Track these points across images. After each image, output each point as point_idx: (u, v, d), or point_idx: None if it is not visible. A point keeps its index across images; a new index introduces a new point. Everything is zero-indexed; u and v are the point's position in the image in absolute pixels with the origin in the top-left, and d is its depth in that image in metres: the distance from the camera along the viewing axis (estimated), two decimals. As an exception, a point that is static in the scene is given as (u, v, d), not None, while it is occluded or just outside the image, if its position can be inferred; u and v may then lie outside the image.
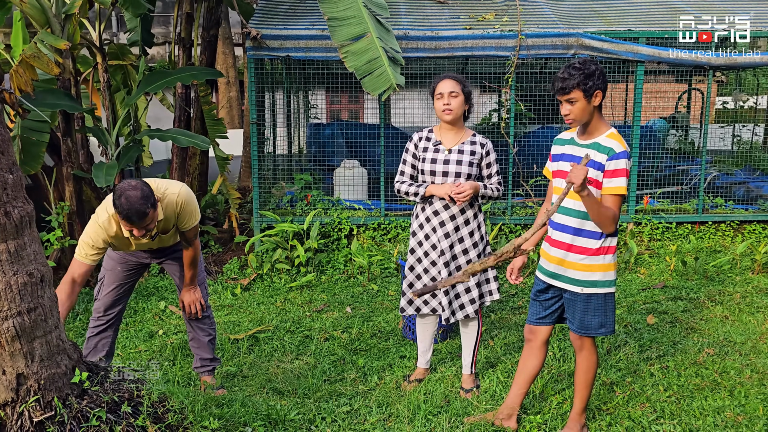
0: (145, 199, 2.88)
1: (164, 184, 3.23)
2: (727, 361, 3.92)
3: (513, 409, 3.14)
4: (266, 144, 6.79)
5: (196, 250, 3.43)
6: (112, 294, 3.49)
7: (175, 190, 3.21)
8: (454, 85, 3.38)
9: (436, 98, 3.42)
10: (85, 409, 2.35)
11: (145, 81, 5.77)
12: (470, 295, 3.48)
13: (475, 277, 3.47)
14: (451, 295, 3.46)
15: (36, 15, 5.14)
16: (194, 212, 3.29)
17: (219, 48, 10.24)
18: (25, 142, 5.43)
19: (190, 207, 3.25)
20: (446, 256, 3.43)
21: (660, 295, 5.18)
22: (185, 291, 3.53)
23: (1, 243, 2.20)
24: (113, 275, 3.49)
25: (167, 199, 3.17)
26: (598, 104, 2.76)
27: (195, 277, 3.52)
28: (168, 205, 3.18)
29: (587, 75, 2.68)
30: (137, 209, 2.86)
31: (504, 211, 6.35)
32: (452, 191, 3.30)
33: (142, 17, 6.64)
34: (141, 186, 2.92)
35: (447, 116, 3.39)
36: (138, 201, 2.86)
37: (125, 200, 2.86)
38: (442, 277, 3.42)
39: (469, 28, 6.12)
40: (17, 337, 2.24)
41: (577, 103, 2.72)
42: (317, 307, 5.12)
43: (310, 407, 3.33)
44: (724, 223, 6.41)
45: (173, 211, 3.20)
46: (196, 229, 3.36)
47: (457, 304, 3.49)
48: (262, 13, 6.43)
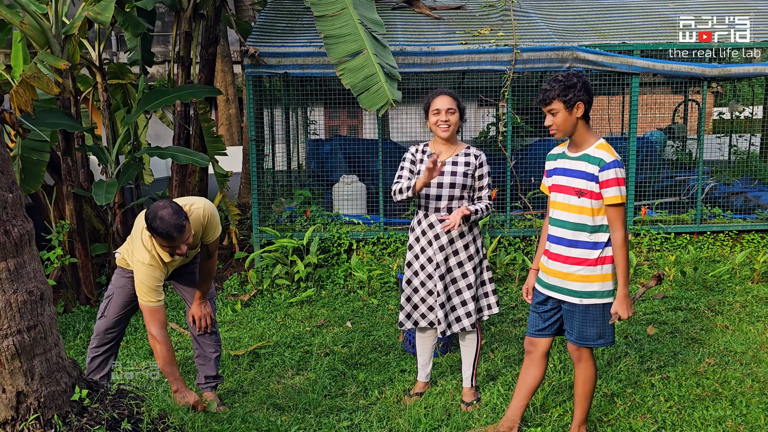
0: (177, 213, 2.97)
1: (188, 200, 3.32)
2: (728, 370, 3.91)
3: (514, 421, 3.14)
4: (265, 160, 6.83)
5: (215, 263, 3.53)
6: (118, 312, 3.49)
7: (200, 205, 3.30)
8: (451, 102, 3.41)
9: (433, 113, 3.43)
10: (85, 426, 2.35)
11: (144, 99, 5.82)
12: (466, 308, 3.48)
13: (471, 290, 3.48)
14: (447, 308, 3.47)
15: (36, 35, 5.19)
16: (218, 224, 3.38)
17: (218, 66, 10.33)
18: (26, 162, 5.47)
19: (215, 219, 3.34)
20: (441, 269, 3.44)
21: (660, 306, 5.18)
22: (196, 305, 3.57)
23: (1, 261, 2.22)
24: (123, 293, 3.47)
25: (194, 213, 3.25)
26: (581, 116, 2.81)
27: (207, 292, 3.58)
28: (195, 219, 3.25)
29: (568, 87, 2.76)
30: (175, 224, 2.94)
31: (503, 223, 6.36)
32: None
33: (142, 37, 6.72)
34: (169, 204, 3.00)
35: (444, 133, 3.41)
36: (172, 217, 2.94)
37: (160, 221, 2.93)
38: (438, 290, 3.43)
39: (465, 43, 6.18)
40: (17, 355, 2.25)
41: (559, 114, 2.81)
42: (317, 322, 5.12)
43: (311, 422, 3.33)
44: (723, 233, 6.43)
45: (200, 224, 3.28)
46: (218, 242, 3.47)
47: (453, 317, 3.49)
48: (259, 31, 6.49)
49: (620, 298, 2.78)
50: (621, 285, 2.78)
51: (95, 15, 5.06)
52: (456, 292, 3.48)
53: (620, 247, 2.76)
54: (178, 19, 6.77)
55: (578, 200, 2.83)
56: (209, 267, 3.51)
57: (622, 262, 2.77)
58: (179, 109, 6.74)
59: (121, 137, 6.13)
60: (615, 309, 2.79)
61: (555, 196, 2.95)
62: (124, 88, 7.06)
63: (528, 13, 7.17)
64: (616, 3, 7.74)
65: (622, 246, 2.76)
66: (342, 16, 5.02)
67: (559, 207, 2.92)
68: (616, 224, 2.77)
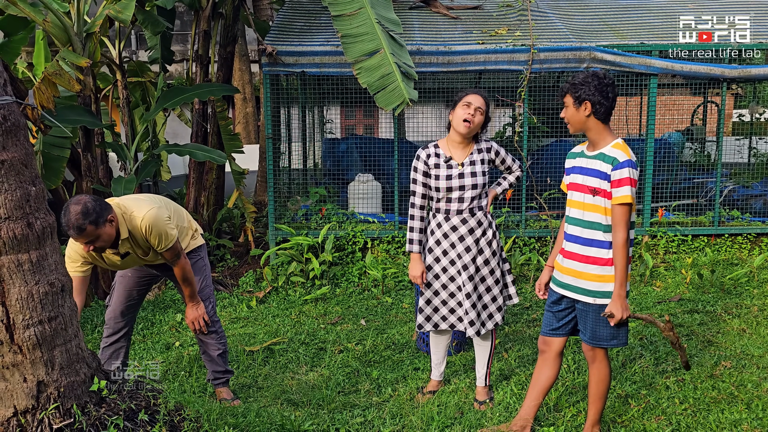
0: (84, 214, 2.87)
1: (133, 205, 3.21)
2: (744, 374, 3.88)
3: (527, 420, 3.14)
4: (282, 159, 6.87)
5: (183, 270, 3.38)
6: (122, 301, 3.55)
7: (140, 214, 3.16)
8: (483, 103, 3.38)
9: (462, 106, 3.36)
10: (103, 416, 2.39)
11: (163, 97, 5.89)
12: (497, 303, 3.51)
13: (499, 285, 3.51)
14: (479, 307, 3.47)
15: (58, 34, 5.28)
16: (164, 234, 3.21)
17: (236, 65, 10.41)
18: (47, 158, 5.56)
19: (157, 230, 3.18)
20: (470, 269, 3.43)
21: (676, 308, 5.14)
22: (188, 308, 3.52)
23: (24, 253, 2.26)
24: (124, 282, 3.55)
25: (132, 221, 3.16)
26: (589, 114, 2.81)
27: (195, 294, 3.49)
28: (134, 228, 3.16)
29: (580, 84, 2.81)
30: (73, 223, 2.86)
31: (518, 224, 6.35)
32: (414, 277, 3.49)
33: (162, 35, 6.79)
34: (86, 201, 2.91)
35: (465, 128, 3.34)
36: (75, 215, 2.85)
37: (65, 213, 2.87)
38: (468, 291, 3.41)
39: (482, 43, 6.17)
40: (38, 345, 2.30)
41: (568, 108, 2.88)
42: (332, 319, 5.15)
43: (324, 418, 3.35)
44: (741, 235, 6.36)
45: (140, 233, 3.18)
46: (174, 250, 3.29)
47: (486, 315, 3.50)
48: (277, 30, 6.54)
49: (615, 297, 2.78)
50: (618, 285, 2.77)
51: (116, 13, 5.13)
52: (486, 290, 3.49)
53: (621, 248, 2.75)
54: (197, 18, 6.84)
55: (593, 199, 2.83)
56: (178, 274, 3.38)
57: (621, 262, 2.76)
58: (197, 107, 6.81)
59: (139, 134, 6.20)
60: (610, 309, 2.78)
61: (572, 194, 2.96)
62: (144, 86, 7.15)
63: (545, 13, 7.14)
64: (635, 3, 7.68)
65: (623, 246, 2.75)
66: (359, 16, 5.04)
67: (574, 205, 2.93)
68: (620, 224, 2.76)
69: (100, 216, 2.94)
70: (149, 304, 5.54)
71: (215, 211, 7.23)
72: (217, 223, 7.18)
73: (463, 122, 3.35)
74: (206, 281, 3.65)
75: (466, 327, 3.44)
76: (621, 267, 2.77)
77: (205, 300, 3.60)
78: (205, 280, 3.64)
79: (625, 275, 2.78)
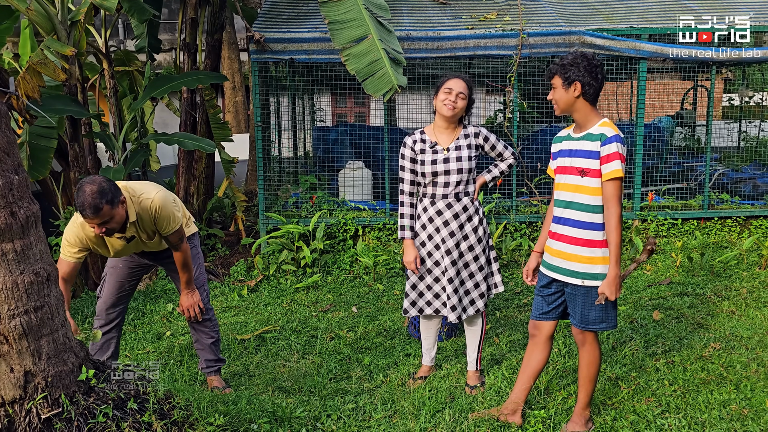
0: (101, 194, 2.85)
1: (142, 188, 3.20)
2: (734, 355, 3.91)
3: (518, 404, 3.15)
4: (272, 147, 6.83)
5: (185, 254, 3.38)
6: (113, 292, 3.52)
7: (150, 196, 3.15)
8: (464, 88, 3.38)
9: (444, 92, 3.38)
10: (91, 405, 2.38)
11: (150, 86, 5.83)
12: (479, 290, 3.50)
13: (483, 271, 3.50)
14: (461, 292, 3.48)
15: (42, 22, 5.21)
16: (171, 217, 3.22)
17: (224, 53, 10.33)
18: (34, 148, 5.50)
19: (165, 212, 3.18)
20: (453, 254, 3.44)
21: (666, 291, 5.17)
22: (183, 295, 3.51)
23: (8, 242, 2.24)
24: (115, 273, 3.52)
25: (142, 203, 3.14)
26: (579, 95, 2.80)
27: (191, 281, 3.49)
28: (143, 210, 3.14)
29: (570, 65, 2.79)
30: (90, 203, 2.83)
31: (509, 209, 6.35)
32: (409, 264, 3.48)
33: (149, 23, 6.71)
34: (101, 181, 2.89)
35: (448, 111, 3.36)
36: (92, 195, 2.83)
37: (81, 193, 2.84)
38: (450, 276, 3.42)
39: (471, 28, 6.14)
40: (24, 335, 2.28)
41: (557, 90, 2.85)
42: (323, 307, 5.15)
43: (316, 405, 3.35)
44: (731, 218, 6.39)
45: (149, 216, 3.17)
46: (179, 234, 3.30)
47: (468, 300, 3.50)
48: (265, 17, 6.48)
49: (609, 278, 2.76)
50: (612, 265, 2.76)
51: (101, 1, 5.07)
52: (469, 276, 3.49)
53: (615, 226, 2.74)
54: (184, 6, 6.77)
55: (581, 180, 2.82)
56: (178, 259, 3.38)
57: (615, 240, 2.74)
58: (185, 96, 6.75)
59: (127, 124, 6.15)
60: (602, 289, 2.77)
61: (560, 177, 2.95)
62: (131, 75, 7.08)
63: (535, -3, 7.11)
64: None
65: (617, 224, 2.74)
66: (346, 1, 4.99)
67: (563, 188, 2.92)
68: (613, 200, 2.75)
69: (116, 196, 2.94)
70: (140, 294, 5.52)
71: (205, 200, 7.19)
72: (207, 212, 7.15)
73: (446, 106, 3.37)
74: (200, 269, 3.65)
75: (448, 312, 3.45)
76: (615, 244, 2.74)
77: (200, 288, 3.61)
78: (199, 267, 3.64)
79: (619, 253, 2.75)
